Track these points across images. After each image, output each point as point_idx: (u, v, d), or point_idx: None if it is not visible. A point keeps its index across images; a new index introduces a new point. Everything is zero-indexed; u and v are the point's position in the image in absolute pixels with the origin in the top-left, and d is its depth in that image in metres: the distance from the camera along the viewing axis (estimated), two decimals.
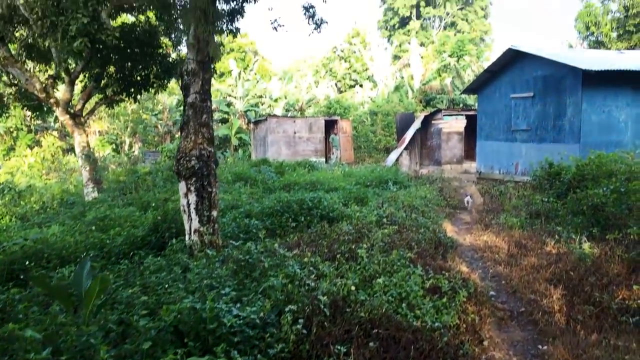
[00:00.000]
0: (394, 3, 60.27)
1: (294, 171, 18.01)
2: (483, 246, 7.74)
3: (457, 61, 40.23)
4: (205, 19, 6.95)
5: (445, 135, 26.69)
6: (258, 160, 19.15)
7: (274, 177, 15.93)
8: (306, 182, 15.04)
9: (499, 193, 14.05)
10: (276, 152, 27.87)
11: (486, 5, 62.00)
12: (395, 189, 15.07)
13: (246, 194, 11.76)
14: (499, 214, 10.53)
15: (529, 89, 16.98)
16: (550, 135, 16.12)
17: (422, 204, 11.02)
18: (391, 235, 7.37)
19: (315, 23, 12.89)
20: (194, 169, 6.89)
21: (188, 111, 7.10)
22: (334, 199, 10.10)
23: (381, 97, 38.74)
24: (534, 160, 16.76)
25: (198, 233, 6.87)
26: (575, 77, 15.01)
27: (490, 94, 19.30)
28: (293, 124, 28.34)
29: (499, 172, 18.58)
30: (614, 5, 35.92)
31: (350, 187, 15.05)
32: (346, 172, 18.92)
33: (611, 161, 9.37)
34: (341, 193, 11.47)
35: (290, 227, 8.03)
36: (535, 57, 16.78)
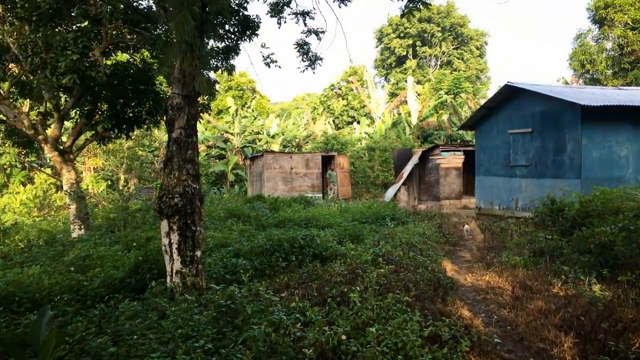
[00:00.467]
0: (391, 43, 61.25)
1: (289, 207, 17.60)
2: (485, 287, 7.27)
3: (453, 98, 40.45)
4: (191, 52, 6.69)
5: (444, 170, 26.42)
6: (252, 196, 18.77)
7: (267, 213, 15.51)
8: (301, 219, 14.63)
9: (499, 229, 13.62)
10: (273, 187, 27.53)
11: (481, 44, 63.06)
12: (392, 225, 14.65)
13: (237, 231, 11.32)
14: (501, 252, 10.08)
15: (528, 125, 16.78)
16: (550, 171, 15.81)
17: (420, 241, 10.58)
18: (387, 276, 6.92)
19: (310, 60, 12.78)
20: (177, 206, 6.51)
21: (172, 147, 6.76)
22: (327, 236, 9.68)
23: (379, 134, 38.72)
24: (534, 195, 16.41)
25: (180, 274, 6.42)
26: (574, 112, 14.82)
27: (488, 129, 19.11)
28: (290, 159, 28.10)
29: (499, 208, 18.19)
30: (609, 43, 36.36)
31: (347, 224, 14.66)
32: (343, 207, 18.53)
33: (617, 197, 9.00)
34: (336, 230, 11.03)
35: (281, 267, 7.57)
36: (533, 93, 16.65)
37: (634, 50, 33.61)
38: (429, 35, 59.93)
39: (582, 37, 37.60)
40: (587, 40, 36.94)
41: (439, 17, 59.76)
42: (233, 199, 25.63)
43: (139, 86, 14.46)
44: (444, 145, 27.89)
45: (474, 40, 61.55)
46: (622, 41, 33.95)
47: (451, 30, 60.57)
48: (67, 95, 13.29)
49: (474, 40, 61.55)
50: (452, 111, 38.15)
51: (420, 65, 61.47)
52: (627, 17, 33.59)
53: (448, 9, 60.45)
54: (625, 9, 33.47)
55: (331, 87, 55.54)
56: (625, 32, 33.69)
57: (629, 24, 33.92)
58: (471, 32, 61.61)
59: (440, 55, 60.96)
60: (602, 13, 34.69)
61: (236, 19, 12.93)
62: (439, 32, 59.65)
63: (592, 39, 37.30)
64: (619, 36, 34.07)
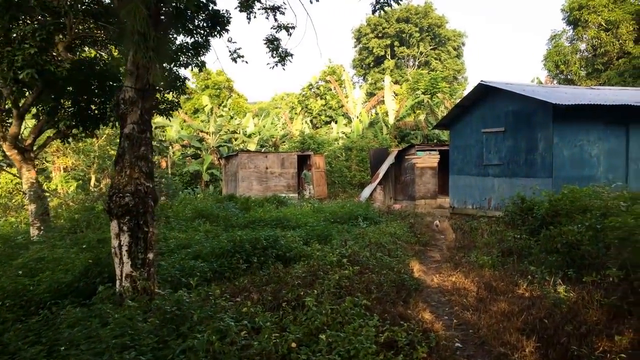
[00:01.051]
0: (369, 43, 61.24)
1: (261, 207, 17.28)
2: (451, 288, 7.08)
3: (430, 98, 40.52)
4: (145, 43, 6.35)
5: (419, 170, 26.38)
6: (224, 196, 18.39)
7: (238, 213, 15.18)
8: (272, 219, 14.33)
9: (471, 229, 13.53)
10: (247, 187, 27.15)
11: (458, 45, 63.46)
12: (365, 225, 14.45)
13: (203, 232, 10.97)
14: (471, 252, 9.95)
15: (500, 124, 16.76)
16: (522, 170, 15.80)
17: (390, 241, 10.38)
18: (351, 277, 6.68)
19: (280, 56, 12.48)
20: (128, 206, 6.16)
21: (124, 143, 6.40)
22: (294, 237, 9.41)
23: (356, 133, 38.59)
24: (506, 195, 16.37)
25: (130, 278, 6.08)
26: (546, 112, 14.81)
27: (462, 128, 19.07)
28: (265, 159, 27.76)
29: (472, 207, 18.15)
30: (582, 44, 36.84)
31: (318, 224, 14.43)
32: (316, 207, 18.27)
33: (585, 196, 8.92)
34: (304, 230, 10.76)
35: (241, 269, 7.27)
36: (505, 92, 16.63)
37: (607, 51, 34.10)
38: (407, 36, 60.09)
39: (556, 38, 38.05)
40: (561, 41, 37.39)
41: (417, 17, 59.96)
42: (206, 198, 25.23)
43: (106, 83, 13.99)
44: (420, 144, 27.86)
45: (451, 40, 61.91)
46: (595, 42, 34.40)
47: (429, 31, 60.82)
48: (24, 90, 12.74)
49: (451, 40, 61.91)
50: (429, 111, 38.19)
51: (398, 66, 61.59)
52: (601, 19, 34.06)
53: (426, 10, 60.71)
54: (598, 11, 33.93)
55: (309, 87, 55.27)
56: (598, 33, 34.16)
57: (602, 25, 34.40)
58: (449, 33, 61.97)
59: (418, 56, 61.18)
60: (576, 14, 35.12)
61: (205, 13, 12.57)
62: (416, 33, 59.85)
63: (566, 39, 37.78)
64: (592, 37, 34.52)
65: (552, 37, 38.75)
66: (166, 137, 34.13)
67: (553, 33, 38.72)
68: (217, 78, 53.67)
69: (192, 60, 14.39)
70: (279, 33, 12.22)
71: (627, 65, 31.23)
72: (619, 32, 33.47)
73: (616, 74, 31.68)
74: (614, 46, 33.76)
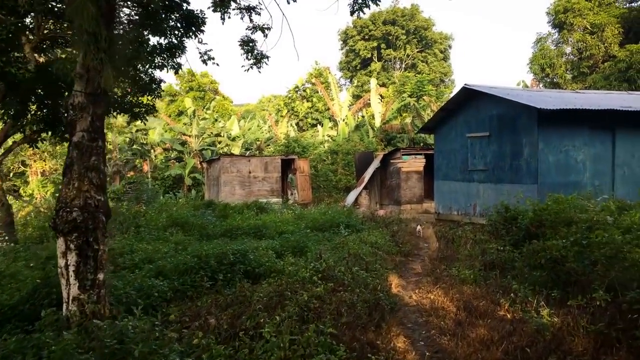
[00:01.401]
0: (356, 45, 60.92)
1: (240, 214, 16.76)
2: (429, 307, 6.64)
3: (416, 101, 40.23)
4: (96, 44, 5.83)
5: (405, 174, 26.02)
6: (203, 202, 17.84)
7: (215, 221, 14.64)
8: (250, 227, 13.85)
9: (454, 237, 13.13)
10: (230, 192, 26.58)
11: (445, 48, 63.37)
12: (346, 233, 13.99)
13: (174, 243, 10.43)
14: (453, 263, 9.54)
15: (485, 128, 16.42)
16: (507, 176, 15.46)
17: (369, 253, 9.93)
18: (322, 297, 6.21)
19: (255, 58, 12.00)
20: (76, 222, 5.63)
21: (72, 152, 5.88)
22: (266, 249, 8.91)
23: (342, 136, 38.17)
24: (491, 201, 16.03)
25: (78, 302, 5.56)
26: (531, 116, 14.49)
27: (446, 132, 18.72)
28: (248, 163, 27.21)
29: (457, 213, 17.78)
30: (568, 48, 36.80)
31: (298, 232, 13.99)
32: (297, 214, 17.79)
33: (570, 207, 8.53)
34: (280, 241, 10.26)
35: (205, 288, 6.77)
36: (490, 96, 16.30)
37: (592, 55, 34.05)
38: (394, 38, 59.85)
39: (542, 41, 37.97)
40: (547, 44, 37.31)
41: (403, 19, 59.76)
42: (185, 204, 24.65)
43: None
44: (405, 148, 27.51)
45: (437, 43, 61.81)
46: (581, 45, 34.34)
47: (415, 33, 60.66)
48: None
49: (437, 43, 61.81)
50: (416, 114, 37.87)
51: (385, 68, 61.35)
52: (586, 22, 34.02)
53: (412, 12, 60.54)
54: (584, 14, 33.89)
55: (295, 89, 54.79)
56: (584, 36, 34.10)
57: (587, 29, 34.36)
58: (435, 36, 61.86)
59: (405, 58, 60.99)
60: (562, 17, 35.06)
61: (179, 13, 12.06)
62: (403, 35, 59.63)
63: (552, 43, 37.71)
64: (578, 40, 34.46)
65: (537, 40, 38.68)
66: (147, 140, 33.45)
67: (539, 36, 38.69)
68: (202, 80, 53.03)
69: (167, 62, 13.89)
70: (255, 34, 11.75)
71: (612, 69, 31.17)
72: (605, 36, 33.45)
73: (602, 78, 31.61)
74: (599, 49, 33.72)
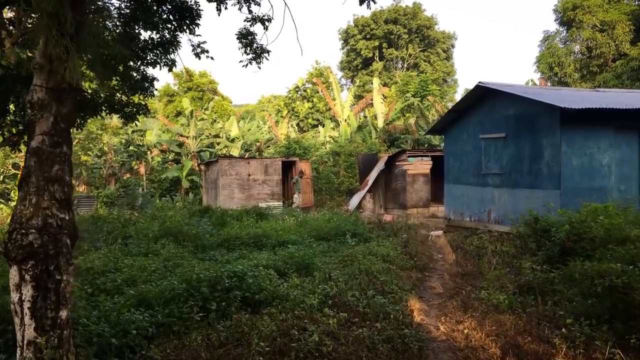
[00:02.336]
0: (357, 44, 59.86)
1: (239, 221, 15.66)
2: (464, 344, 5.54)
3: (420, 101, 39.19)
4: (59, 29, 4.73)
5: (411, 177, 24.94)
6: (199, 209, 16.75)
7: (211, 230, 13.56)
8: (249, 237, 12.77)
9: (473, 248, 12.05)
10: (228, 196, 25.49)
11: (448, 47, 62.32)
12: (353, 243, 12.93)
13: (164, 256, 9.33)
14: (477, 281, 8.46)
15: (501, 129, 15.33)
16: (525, 180, 14.36)
17: (382, 269, 8.84)
18: (335, 334, 5.12)
19: (255, 52, 10.95)
20: (32, 246, 4.53)
21: (30, 160, 4.77)
22: (268, 267, 7.81)
23: (344, 137, 37.10)
24: (508, 207, 14.97)
25: (34, 346, 4.47)
26: (552, 116, 13.40)
27: (457, 134, 17.63)
28: (247, 165, 26.10)
29: (470, 220, 16.69)
30: (576, 46, 35.75)
31: (302, 241, 12.96)
32: (300, 220, 16.69)
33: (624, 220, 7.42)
34: (283, 255, 9.16)
35: (195, 321, 5.66)
36: (506, 95, 15.22)
37: (603, 53, 32.99)
38: (396, 37, 58.79)
39: (549, 39, 36.93)
40: (555, 43, 36.26)
41: (405, 18, 58.69)
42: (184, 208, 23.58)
43: None
44: (411, 150, 26.44)
45: (440, 42, 60.74)
46: (591, 43, 33.27)
47: (418, 32, 59.60)
48: None
49: (440, 42, 60.74)
50: (419, 114, 36.84)
51: (386, 68, 60.30)
52: (596, 19, 32.97)
53: (414, 11, 59.46)
54: (593, 11, 32.84)
55: (296, 89, 53.71)
56: (594, 34, 33.04)
57: (597, 26, 33.31)
58: (438, 35, 60.80)
59: (407, 58, 59.93)
60: (570, 14, 34.00)
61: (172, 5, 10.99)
62: (405, 34, 58.57)
63: (560, 41, 36.66)
64: (587, 38, 33.40)
65: (545, 38, 37.68)
66: (144, 142, 32.38)
67: (546, 34, 37.69)
68: (200, 80, 51.97)
69: (160, 58, 12.89)
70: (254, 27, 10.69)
71: (624, 67, 30.11)
72: (615, 33, 32.40)
73: (613, 76, 30.55)
74: (609, 47, 32.66)
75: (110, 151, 31.57)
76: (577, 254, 7.69)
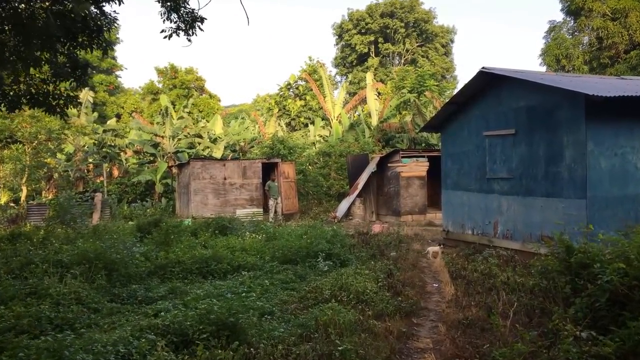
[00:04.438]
0: (351, 39, 57.16)
1: (195, 237, 12.97)
2: None
3: (417, 97, 36.46)
4: None
5: (405, 180, 22.27)
6: (150, 221, 14.06)
7: (150, 251, 10.88)
8: (195, 261, 10.11)
9: (478, 276, 9.38)
10: (201, 202, 22.82)
11: (447, 42, 59.64)
12: (326, 268, 10.27)
13: (53, 301, 6.67)
14: (486, 339, 5.80)
15: (509, 125, 12.64)
16: (541, 186, 11.67)
17: (350, 323, 6.16)
18: None
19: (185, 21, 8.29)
20: None
21: None
22: (167, 333, 5.14)
23: (335, 136, 34.40)
24: (519, 219, 12.29)
25: None
26: (576, 107, 10.72)
27: (456, 131, 14.94)
28: (223, 168, 23.43)
29: (473, 233, 14.01)
30: (585, 37, 33.06)
31: (263, 266, 10.39)
32: (270, 234, 14.02)
33: None
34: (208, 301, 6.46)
35: None
36: (516, 83, 12.54)
37: (614, 43, 30.28)
38: (392, 32, 56.07)
39: (556, 30, 34.24)
40: (562, 33, 33.55)
41: (402, 12, 55.96)
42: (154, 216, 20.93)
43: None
44: (405, 150, 23.74)
45: (439, 37, 58.03)
46: (602, 33, 30.55)
47: (415, 27, 56.89)
48: None
49: (439, 37, 58.03)
50: (416, 111, 34.05)
51: (383, 64, 57.59)
52: (606, 7, 30.26)
53: (412, 4, 56.73)
54: None
55: (287, 86, 51.01)
56: (604, 22, 30.33)
57: (607, 15, 30.61)
58: (436, 29, 58.08)
59: (404, 53, 57.21)
60: (579, 2, 31.29)
61: None
62: (402, 28, 55.87)
63: (567, 31, 33.97)
64: (597, 27, 30.68)
65: (550, 29, 34.97)
66: (116, 142, 29.71)
67: (552, 25, 34.96)
68: (186, 77, 49.29)
69: (93, 40, 10.41)
70: None
71: None
72: (628, 22, 29.70)
73: (627, 68, 27.86)
74: (622, 37, 29.96)
75: (78, 152, 28.89)
76: (632, 306, 5.10)
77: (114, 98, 52.31)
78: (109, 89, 53.16)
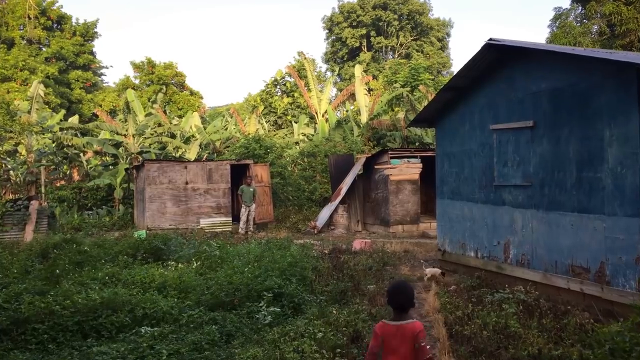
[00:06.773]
0: (342, 33, 54.03)
1: (112, 263, 9.79)
2: None
3: (411, 92, 33.35)
4: None
5: (394, 184, 19.12)
6: (55, 242, 10.86)
7: (26, 289, 7.69)
8: (77, 311, 6.93)
9: (490, 334, 6.25)
10: (158, 210, 19.59)
11: (443, 36, 56.59)
12: (269, 319, 7.13)
13: None
14: None
15: (526, 115, 9.48)
16: (571, 198, 8.51)
17: None
18: None
19: None
20: None
21: None
22: None
23: (320, 135, 31.25)
24: (539, 240, 9.14)
25: None
26: (622, 88, 7.58)
27: (455, 124, 11.78)
28: (184, 171, 20.21)
29: (476, 255, 10.86)
30: (595, 25, 30.01)
31: (180, 316, 7.24)
32: (213, 259, 10.81)
33: None
34: None
35: None
36: (536, 58, 9.40)
37: (629, 30, 27.22)
38: (385, 24, 52.95)
39: (562, 18, 31.20)
40: (569, 21, 30.51)
41: (395, 3, 52.86)
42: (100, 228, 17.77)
43: None
44: (395, 150, 20.59)
45: (434, 30, 54.97)
46: (614, 19, 27.49)
47: (409, 19, 53.78)
48: None
49: (434, 30, 54.97)
50: (410, 107, 30.89)
51: (375, 59, 54.45)
52: None
53: None
54: None
55: (274, 83, 47.86)
56: (618, 7, 27.28)
57: None
58: (432, 22, 55.04)
59: (398, 47, 54.10)
60: None
61: None
62: (395, 21, 52.76)
63: (574, 19, 30.94)
64: (610, 13, 27.62)
65: (556, 16, 31.93)
66: (73, 142, 26.44)
67: (558, 12, 31.93)
68: (164, 72, 46.09)
69: None
70: None
71: None
72: None
73: None
74: (637, 23, 26.91)
75: (30, 154, 25.62)
76: None
77: (91, 96, 49.09)
78: (85, 85, 49.93)
